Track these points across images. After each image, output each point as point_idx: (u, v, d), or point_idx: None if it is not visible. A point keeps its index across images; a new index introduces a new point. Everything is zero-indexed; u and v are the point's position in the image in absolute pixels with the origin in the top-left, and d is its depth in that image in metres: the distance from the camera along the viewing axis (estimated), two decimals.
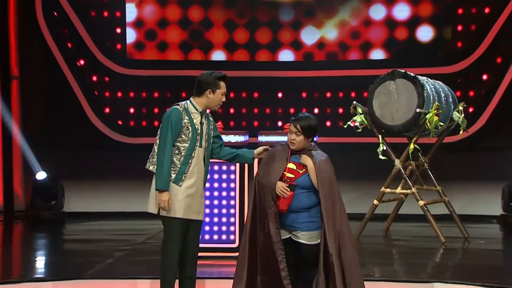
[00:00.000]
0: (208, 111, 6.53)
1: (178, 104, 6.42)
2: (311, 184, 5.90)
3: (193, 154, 6.32)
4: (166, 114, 6.38)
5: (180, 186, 6.28)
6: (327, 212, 5.82)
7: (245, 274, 5.96)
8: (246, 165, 9.03)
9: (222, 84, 6.44)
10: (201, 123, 6.40)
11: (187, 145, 6.31)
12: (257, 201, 5.96)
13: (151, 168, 6.36)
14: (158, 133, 6.37)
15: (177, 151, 6.30)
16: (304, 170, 5.93)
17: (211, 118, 6.56)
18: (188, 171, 6.30)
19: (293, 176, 5.92)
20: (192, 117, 6.36)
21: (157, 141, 6.34)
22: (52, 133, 13.34)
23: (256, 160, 8.92)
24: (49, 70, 13.55)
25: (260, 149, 6.48)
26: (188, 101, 6.44)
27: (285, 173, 5.92)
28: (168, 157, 6.24)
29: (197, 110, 6.40)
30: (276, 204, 5.87)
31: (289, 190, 5.88)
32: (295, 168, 5.96)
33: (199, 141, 6.35)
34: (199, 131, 6.36)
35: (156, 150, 6.33)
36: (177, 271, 6.39)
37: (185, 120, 6.32)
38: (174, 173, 6.27)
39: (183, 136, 6.31)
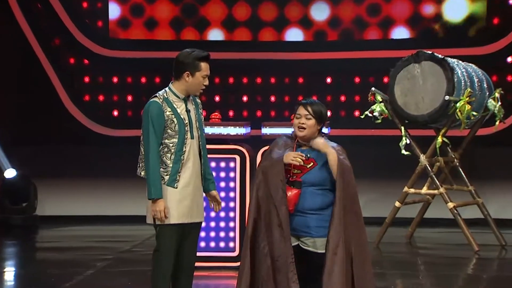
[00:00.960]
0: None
1: (156, 96, 6.29)
2: (322, 179, 5.88)
3: (184, 149, 6.24)
4: (144, 109, 6.28)
5: (176, 187, 6.22)
6: (341, 213, 5.81)
7: (248, 282, 5.98)
8: (247, 162, 9.08)
9: (204, 65, 6.30)
10: (187, 111, 6.30)
11: (175, 140, 6.22)
12: (259, 197, 5.94)
13: (142, 174, 6.29)
14: (141, 132, 6.28)
15: (166, 149, 6.22)
16: (311, 164, 5.94)
17: (198, 100, 6.44)
18: (182, 169, 6.27)
19: (299, 171, 5.92)
20: (175, 106, 6.25)
21: (142, 142, 6.28)
22: (22, 124, 13.38)
23: (259, 154, 9.01)
24: (19, 51, 13.58)
25: (216, 195, 6.46)
26: (167, 89, 6.33)
27: (290, 168, 5.93)
28: (154, 160, 6.17)
29: (179, 98, 6.29)
30: (285, 193, 5.84)
31: (303, 158, 5.83)
32: (301, 162, 5.96)
33: (189, 132, 6.26)
34: (186, 121, 6.26)
35: (143, 153, 6.27)
36: (170, 283, 6.41)
37: (168, 113, 6.22)
38: (167, 175, 6.21)
39: (169, 131, 6.22)
